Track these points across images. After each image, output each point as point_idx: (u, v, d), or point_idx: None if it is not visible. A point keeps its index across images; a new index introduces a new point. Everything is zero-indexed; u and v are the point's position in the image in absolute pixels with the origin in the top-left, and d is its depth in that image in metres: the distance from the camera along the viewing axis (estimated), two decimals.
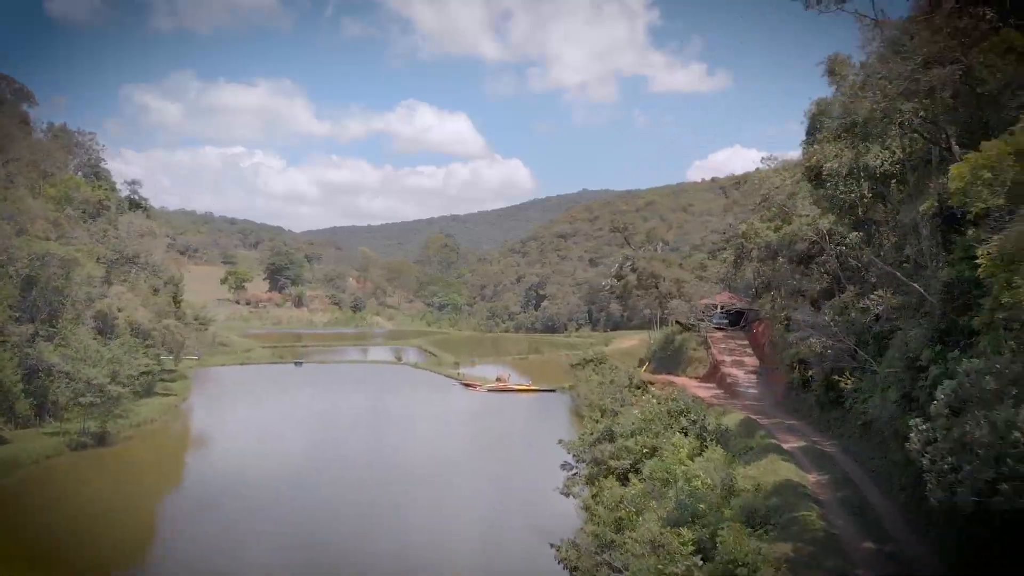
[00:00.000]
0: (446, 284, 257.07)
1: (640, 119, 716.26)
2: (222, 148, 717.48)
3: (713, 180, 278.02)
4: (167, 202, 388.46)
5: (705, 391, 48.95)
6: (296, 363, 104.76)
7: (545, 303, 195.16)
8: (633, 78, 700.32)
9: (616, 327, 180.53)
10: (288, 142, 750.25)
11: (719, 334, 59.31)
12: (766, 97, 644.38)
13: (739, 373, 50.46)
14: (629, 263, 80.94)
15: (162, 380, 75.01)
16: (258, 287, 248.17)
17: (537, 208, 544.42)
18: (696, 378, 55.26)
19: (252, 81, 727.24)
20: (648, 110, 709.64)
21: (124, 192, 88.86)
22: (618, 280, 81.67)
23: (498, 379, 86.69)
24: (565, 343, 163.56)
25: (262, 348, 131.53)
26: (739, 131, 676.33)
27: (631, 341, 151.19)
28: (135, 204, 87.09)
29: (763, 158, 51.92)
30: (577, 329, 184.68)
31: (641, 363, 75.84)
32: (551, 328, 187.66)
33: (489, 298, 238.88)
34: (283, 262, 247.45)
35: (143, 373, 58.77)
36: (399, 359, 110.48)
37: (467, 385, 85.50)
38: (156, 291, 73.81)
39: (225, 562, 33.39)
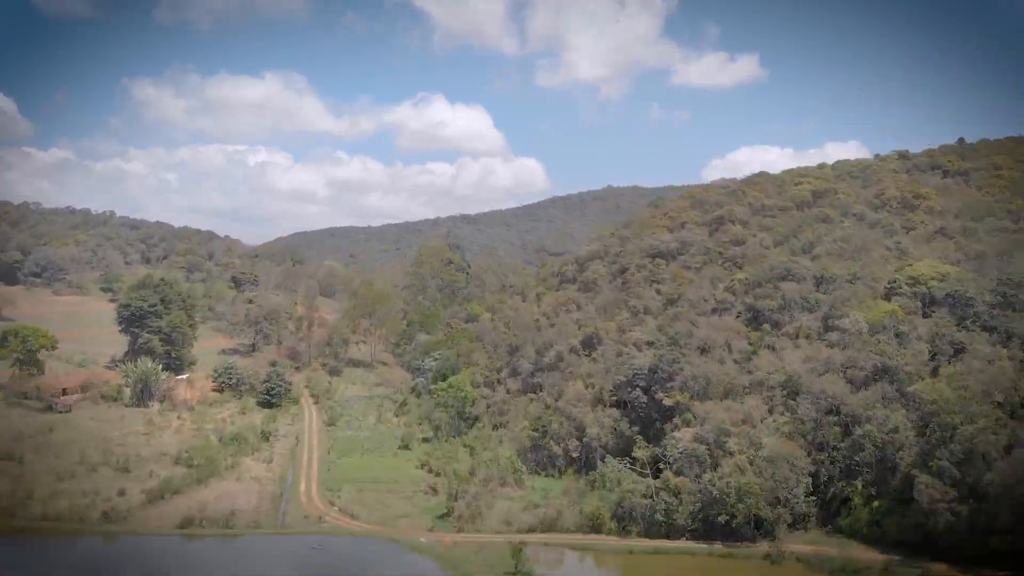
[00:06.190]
0: (449, 342, 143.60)
1: (658, 114, 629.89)
2: (228, 145, 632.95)
3: None
4: (170, 201, 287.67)
5: None
6: None
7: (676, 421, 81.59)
8: (651, 71, 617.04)
9: None
10: (295, 139, 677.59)
11: None
12: (787, 94, 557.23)
13: None
14: None
15: None
16: (113, 344, 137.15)
17: (558, 206, 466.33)
18: None
19: (260, 74, 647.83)
20: (667, 105, 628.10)
21: None
22: None
23: None
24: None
25: None
26: (760, 129, 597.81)
27: None
28: None
29: None
30: None
31: None
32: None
33: (526, 378, 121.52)
34: (149, 302, 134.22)
35: None
36: None
37: None
38: None
39: None
